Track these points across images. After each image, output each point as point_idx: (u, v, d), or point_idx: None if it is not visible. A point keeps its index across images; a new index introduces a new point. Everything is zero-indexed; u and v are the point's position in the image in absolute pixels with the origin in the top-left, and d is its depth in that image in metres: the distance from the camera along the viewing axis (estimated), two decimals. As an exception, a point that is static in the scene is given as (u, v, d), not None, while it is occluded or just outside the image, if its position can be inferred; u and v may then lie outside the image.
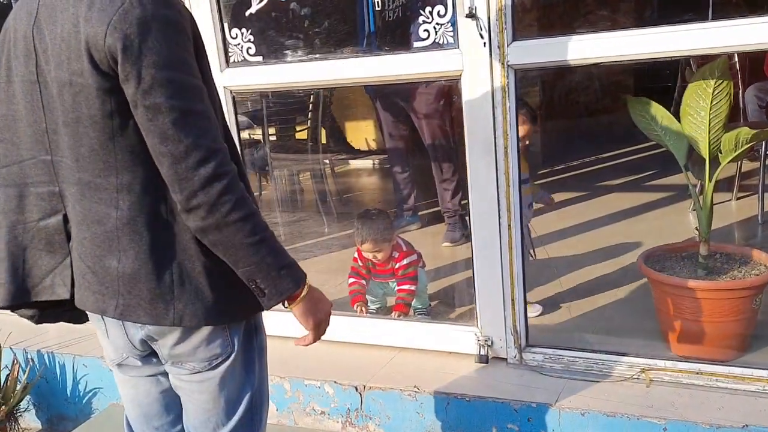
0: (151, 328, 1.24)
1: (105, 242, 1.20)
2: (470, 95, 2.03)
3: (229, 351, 1.29)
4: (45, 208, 1.27)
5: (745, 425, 1.73)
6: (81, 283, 1.25)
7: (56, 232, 1.27)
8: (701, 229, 2.07)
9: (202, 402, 1.33)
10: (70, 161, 1.19)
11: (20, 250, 1.29)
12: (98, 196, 1.19)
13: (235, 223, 1.14)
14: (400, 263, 2.51)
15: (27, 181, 1.27)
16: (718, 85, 1.91)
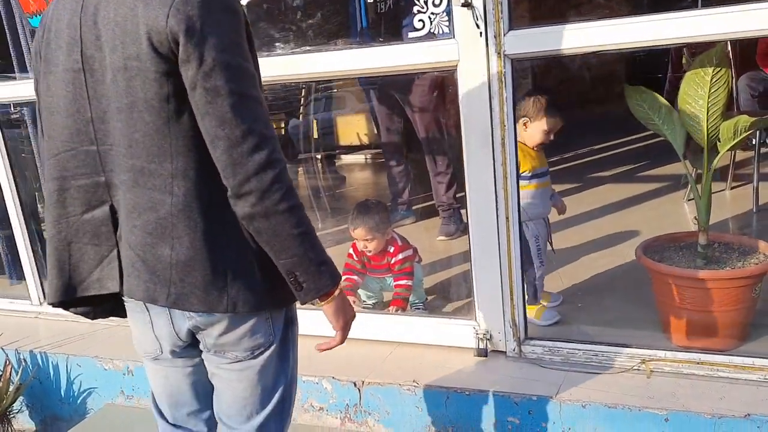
0: (199, 318, 1.25)
1: (158, 229, 1.18)
2: (466, 86, 2.00)
3: (271, 341, 1.31)
4: (89, 200, 1.25)
5: (747, 414, 1.72)
6: (130, 272, 1.22)
7: (102, 224, 1.25)
8: (700, 219, 2.06)
9: (240, 390, 1.34)
10: (122, 148, 1.18)
11: (65, 245, 1.27)
12: (152, 182, 1.17)
13: (283, 213, 1.14)
14: (395, 258, 2.48)
15: (66, 174, 1.25)
16: (716, 73, 1.90)
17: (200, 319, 1.25)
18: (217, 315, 1.24)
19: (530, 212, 2.32)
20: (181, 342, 1.32)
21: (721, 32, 1.74)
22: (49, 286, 1.29)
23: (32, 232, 2.97)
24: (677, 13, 1.76)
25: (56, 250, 1.27)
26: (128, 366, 2.44)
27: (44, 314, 2.98)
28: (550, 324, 2.34)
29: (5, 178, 2.88)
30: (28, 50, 2.78)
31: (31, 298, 3.01)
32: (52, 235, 1.28)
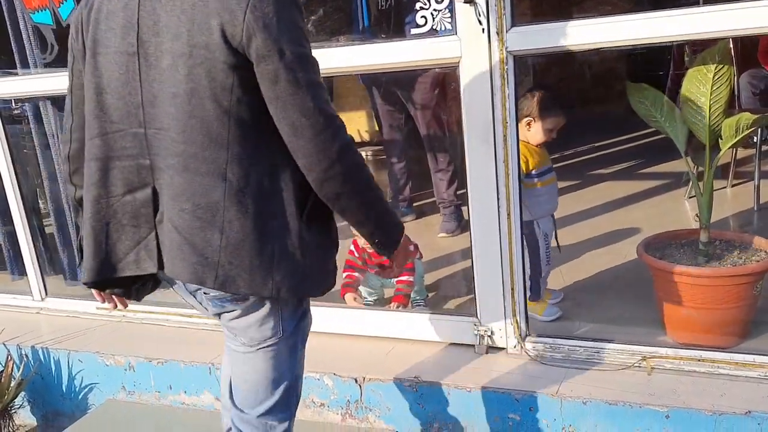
0: (214, 309, 1.33)
1: (208, 213, 1.21)
2: (469, 83, 2.00)
3: (278, 336, 1.36)
4: (131, 182, 1.27)
5: (748, 411, 1.72)
6: (175, 254, 1.24)
7: (143, 206, 1.27)
8: (701, 216, 2.06)
9: (247, 373, 1.40)
10: (173, 133, 1.20)
11: (102, 225, 1.29)
12: (205, 167, 1.20)
13: (365, 190, 1.25)
14: (397, 254, 2.48)
15: (111, 155, 1.28)
16: (719, 70, 1.90)
17: (213, 308, 1.33)
18: (228, 306, 1.31)
19: (539, 210, 2.33)
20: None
21: (723, 29, 1.74)
22: (85, 265, 1.31)
23: (33, 228, 2.98)
24: (680, 10, 1.76)
25: (93, 230, 1.29)
26: (129, 362, 2.44)
27: (46, 310, 2.98)
28: (552, 320, 2.35)
29: (7, 173, 2.88)
30: (30, 46, 2.78)
31: (33, 293, 3.01)
32: (90, 215, 1.29)
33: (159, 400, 2.43)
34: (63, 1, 2.56)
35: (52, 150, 2.91)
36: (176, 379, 2.38)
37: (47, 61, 2.75)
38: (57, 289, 3.07)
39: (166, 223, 1.25)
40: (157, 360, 2.39)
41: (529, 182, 2.29)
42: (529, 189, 2.30)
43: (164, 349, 2.46)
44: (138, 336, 2.63)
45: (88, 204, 1.30)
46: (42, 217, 3.21)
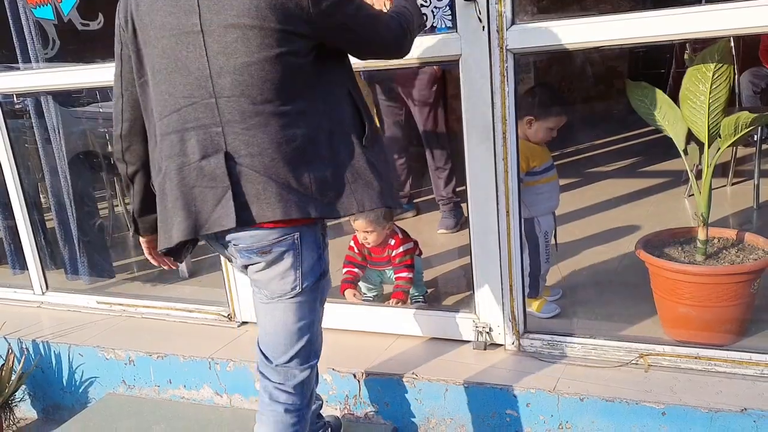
0: (241, 260, 1.50)
1: (296, 158, 1.41)
2: (469, 80, 2.01)
3: (297, 290, 1.52)
4: (206, 148, 1.42)
5: (743, 409, 1.73)
6: (278, 199, 1.41)
7: (217, 168, 1.41)
8: (700, 215, 2.06)
9: (269, 324, 1.57)
10: (250, 97, 1.38)
11: (189, 189, 1.44)
12: (283, 121, 1.40)
13: (417, 16, 1.66)
14: (396, 251, 2.49)
15: (186, 126, 1.43)
16: (718, 69, 1.90)
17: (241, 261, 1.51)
18: (254, 258, 1.48)
19: (539, 207, 2.34)
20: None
21: (724, 28, 1.74)
22: (177, 227, 1.44)
23: (34, 222, 2.99)
24: (681, 8, 1.76)
25: (183, 195, 1.44)
26: (129, 356, 2.45)
27: (46, 304, 3.00)
28: (550, 317, 2.36)
29: (8, 168, 2.89)
30: (32, 41, 2.79)
31: (34, 287, 3.02)
32: (176, 182, 1.44)
33: (159, 394, 2.44)
34: (64, -4, 2.56)
35: (53, 144, 2.92)
36: (176, 373, 2.39)
37: (49, 56, 2.76)
38: (57, 283, 3.08)
39: (252, 177, 1.40)
40: (157, 354, 2.41)
41: (530, 180, 2.30)
42: (531, 186, 2.31)
43: (164, 344, 2.47)
44: (138, 330, 2.64)
45: (174, 173, 1.44)
46: (43, 212, 3.22)
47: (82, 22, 2.60)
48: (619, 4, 5.56)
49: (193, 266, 3.24)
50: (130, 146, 1.58)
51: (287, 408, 1.61)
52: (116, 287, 3.18)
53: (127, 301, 2.82)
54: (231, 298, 2.56)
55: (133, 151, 1.58)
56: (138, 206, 1.64)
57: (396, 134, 3.57)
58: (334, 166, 1.46)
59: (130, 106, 1.55)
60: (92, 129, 3.78)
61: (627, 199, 3.69)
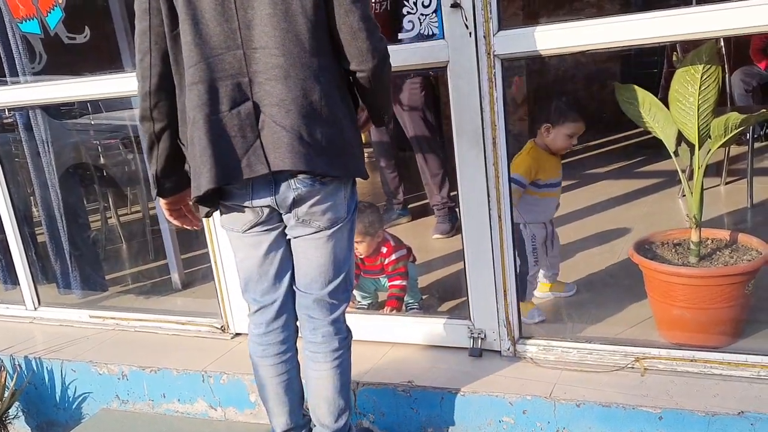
0: (304, 190, 1.54)
1: (312, 113, 1.49)
2: (457, 87, 2.00)
3: (345, 216, 1.64)
4: (234, 98, 1.48)
5: (740, 412, 1.72)
6: (290, 149, 1.48)
7: (247, 117, 1.48)
8: (692, 216, 2.05)
9: (317, 257, 1.64)
10: (273, 49, 1.46)
11: (218, 138, 1.48)
12: (303, 74, 1.48)
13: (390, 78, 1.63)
14: (389, 258, 2.48)
15: (215, 76, 1.48)
16: (707, 70, 1.89)
17: (304, 190, 1.54)
18: (317, 186, 1.55)
19: (529, 216, 2.34)
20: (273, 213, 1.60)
21: (710, 29, 1.74)
22: (206, 176, 1.49)
23: (25, 237, 2.97)
24: (667, 10, 1.76)
25: (211, 143, 1.48)
26: (122, 370, 2.43)
27: (39, 319, 2.97)
28: (534, 323, 2.34)
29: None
30: (19, 55, 2.77)
31: (26, 303, 3.00)
32: (205, 131, 1.48)
33: (153, 408, 2.42)
34: (50, 11, 2.55)
35: (43, 158, 2.90)
36: (169, 387, 2.37)
37: (36, 70, 2.75)
38: (50, 298, 3.06)
39: (272, 127, 1.47)
40: (150, 368, 2.39)
41: (531, 189, 2.29)
42: (528, 195, 2.30)
43: (157, 357, 2.45)
44: (131, 344, 2.62)
45: (201, 122, 1.48)
46: (34, 226, 3.20)
47: (69, 36, 2.59)
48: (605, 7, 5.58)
49: (186, 278, 3.22)
50: (158, 102, 1.56)
51: (341, 338, 1.73)
52: (109, 300, 3.16)
53: (120, 314, 2.81)
54: (224, 310, 2.54)
55: (161, 107, 1.57)
56: (162, 165, 1.62)
57: (384, 139, 3.56)
58: (339, 129, 1.54)
59: (160, 60, 1.54)
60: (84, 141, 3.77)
61: (622, 200, 3.69)
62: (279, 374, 1.75)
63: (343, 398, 1.77)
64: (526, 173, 2.31)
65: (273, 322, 1.72)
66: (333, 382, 1.74)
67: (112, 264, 3.76)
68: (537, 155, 2.32)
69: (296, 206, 1.58)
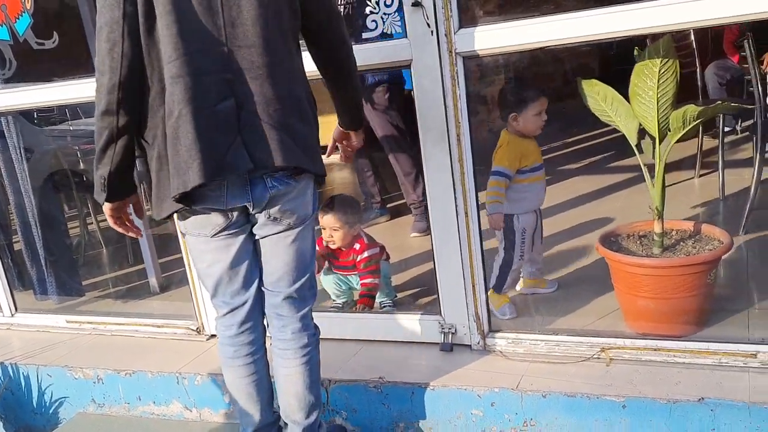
0: (280, 188, 1.58)
1: (296, 111, 1.56)
2: (421, 84, 2.03)
3: (311, 214, 1.69)
4: (220, 94, 1.49)
5: (701, 398, 1.75)
6: (281, 146, 1.52)
7: (229, 115, 1.50)
8: (655, 207, 2.09)
9: (286, 255, 1.67)
10: (258, 48, 1.49)
11: (205, 132, 1.48)
12: (289, 73, 1.56)
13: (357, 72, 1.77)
14: (361, 255, 2.49)
15: (199, 71, 1.48)
16: (664, 64, 1.93)
17: (282, 188, 1.58)
18: (292, 184, 1.59)
19: (521, 206, 2.36)
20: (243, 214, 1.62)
21: (666, 23, 1.77)
22: (195, 170, 1.47)
23: (1, 244, 2.97)
24: (624, 5, 1.78)
25: (200, 138, 1.48)
26: (98, 374, 2.44)
27: (16, 325, 2.97)
28: (504, 318, 2.35)
29: (-29, 190, 2.87)
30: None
31: (2, 309, 3.00)
32: (194, 126, 1.47)
33: (129, 411, 2.43)
34: (19, 17, 2.56)
35: (16, 165, 2.90)
36: (145, 389, 2.38)
37: (6, 76, 2.75)
38: (27, 304, 3.06)
39: (259, 125, 1.51)
40: (125, 371, 2.39)
41: (518, 177, 2.32)
42: (516, 184, 2.33)
43: (132, 360, 2.46)
44: (107, 348, 2.63)
45: (189, 116, 1.47)
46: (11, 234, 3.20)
47: (38, 42, 2.59)
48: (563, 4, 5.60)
49: (164, 281, 3.23)
50: (127, 95, 1.49)
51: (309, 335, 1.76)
52: (87, 305, 3.17)
53: (97, 318, 2.81)
54: (199, 312, 2.56)
55: (129, 101, 1.50)
56: (116, 165, 1.55)
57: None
58: (312, 127, 1.62)
59: (132, 51, 1.48)
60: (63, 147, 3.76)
61: (596, 195, 3.72)
62: (250, 374, 1.76)
63: (313, 394, 1.79)
64: (510, 164, 2.31)
65: (244, 323, 1.73)
66: (303, 379, 1.76)
67: (92, 269, 3.76)
68: (516, 143, 2.32)
69: (270, 205, 1.60)
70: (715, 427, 1.74)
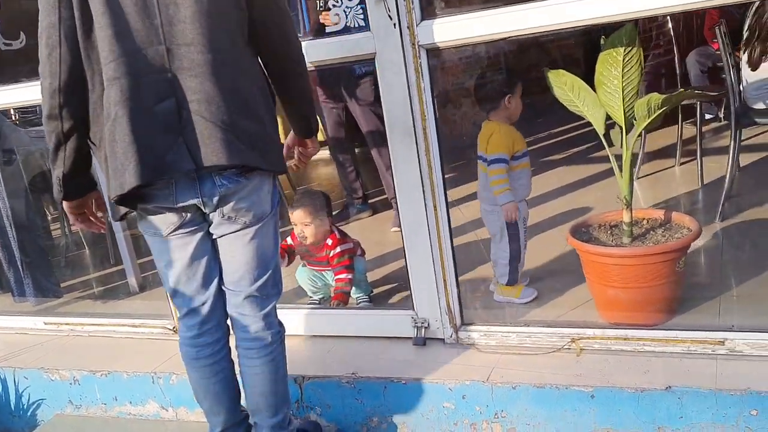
0: (229, 186, 1.54)
1: (242, 108, 1.52)
2: (386, 78, 2.02)
3: (270, 211, 1.65)
4: (159, 94, 1.46)
5: (668, 387, 1.75)
6: (225, 144, 1.48)
7: (170, 114, 1.47)
8: (623, 197, 2.08)
9: (245, 254, 1.64)
10: (200, 45, 1.46)
11: (142, 134, 1.46)
12: (234, 70, 1.51)
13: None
14: (333, 251, 2.49)
15: (138, 72, 1.46)
16: (628, 52, 1.92)
17: (231, 186, 1.54)
18: (243, 182, 1.56)
19: (521, 192, 2.36)
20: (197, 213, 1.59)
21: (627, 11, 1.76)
22: (131, 172, 1.45)
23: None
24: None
25: (136, 140, 1.45)
26: (74, 375, 2.43)
27: (-7, 329, 2.96)
28: (530, 300, 2.36)
29: (-55, 194, 2.85)
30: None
31: (-20, 312, 2.99)
32: (130, 127, 1.45)
33: (106, 412, 2.43)
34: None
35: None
36: (121, 390, 2.37)
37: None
38: (5, 306, 3.05)
39: (202, 124, 1.47)
40: (101, 372, 2.39)
41: (513, 164, 2.32)
42: (512, 172, 2.32)
43: (108, 361, 2.45)
44: (84, 349, 2.62)
45: (126, 118, 1.45)
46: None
47: (5, 42, 2.58)
48: None
49: (144, 281, 3.22)
50: (68, 99, 1.50)
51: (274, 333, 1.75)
52: (66, 306, 3.16)
53: (75, 320, 2.80)
54: (174, 311, 2.54)
55: (71, 105, 1.51)
56: (69, 167, 1.58)
57: (340, 135, 3.57)
58: (263, 124, 1.56)
59: (69, 55, 1.48)
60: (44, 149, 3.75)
61: (576, 186, 3.71)
62: (215, 374, 1.76)
63: (279, 392, 1.79)
64: (507, 149, 2.30)
65: (205, 323, 1.72)
66: (269, 377, 1.75)
67: (74, 270, 3.75)
68: (506, 129, 2.32)
69: (222, 203, 1.57)
70: (682, 414, 1.75)
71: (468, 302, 2.30)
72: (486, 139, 2.33)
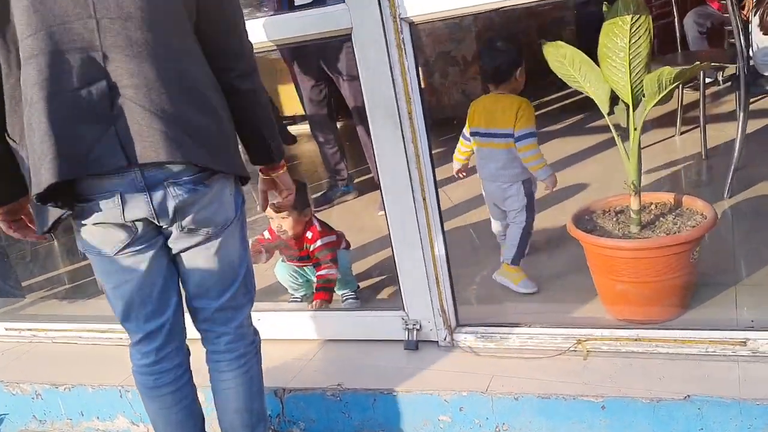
0: (187, 196, 1.32)
1: (189, 99, 1.30)
2: (365, 55, 1.79)
3: (235, 215, 1.46)
4: (85, 74, 1.23)
5: (687, 396, 1.58)
6: (164, 137, 1.26)
7: (100, 100, 1.24)
8: (630, 182, 1.88)
9: (210, 267, 1.45)
10: (137, 21, 1.24)
11: (62, 122, 1.23)
12: (178, 54, 1.30)
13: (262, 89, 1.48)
14: (314, 245, 2.27)
15: (60, 48, 1.22)
16: (636, 21, 1.70)
17: (187, 197, 1.33)
18: (201, 190, 1.34)
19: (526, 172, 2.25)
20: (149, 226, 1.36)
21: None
22: (47, 167, 1.22)
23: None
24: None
25: (53, 129, 1.22)
26: (36, 389, 2.24)
27: (-48, 338, 2.75)
28: (527, 293, 2.21)
29: None
30: None
31: (-62, 321, 2.77)
32: (46, 114, 1.22)
33: (72, 428, 2.24)
34: None
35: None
36: (86, 404, 2.19)
37: None
38: (-36, 313, 2.84)
39: (138, 113, 1.25)
40: (64, 386, 2.20)
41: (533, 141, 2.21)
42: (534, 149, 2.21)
43: (72, 373, 2.26)
44: (47, 358, 2.42)
45: (42, 103, 1.22)
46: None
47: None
48: None
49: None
50: None
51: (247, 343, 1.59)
52: (30, 308, 2.95)
53: (38, 325, 2.59)
54: (144, 316, 2.34)
55: None
56: None
57: (321, 112, 3.33)
58: (218, 120, 1.36)
59: None
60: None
61: (574, 159, 3.51)
62: (177, 403, 1.55)
63: (256, 407, 1.62)
64: (535, 123, 2.21)
65: (163, 348, 1.51)
66: (243, 392, 1.59)
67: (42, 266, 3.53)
68: (527, 102, 2.21)
69: (179, 216, 1.35)
70: (703, 426, 1.58)
71: (462, 299, 2.11)
72: (513, 114, 2.17)
